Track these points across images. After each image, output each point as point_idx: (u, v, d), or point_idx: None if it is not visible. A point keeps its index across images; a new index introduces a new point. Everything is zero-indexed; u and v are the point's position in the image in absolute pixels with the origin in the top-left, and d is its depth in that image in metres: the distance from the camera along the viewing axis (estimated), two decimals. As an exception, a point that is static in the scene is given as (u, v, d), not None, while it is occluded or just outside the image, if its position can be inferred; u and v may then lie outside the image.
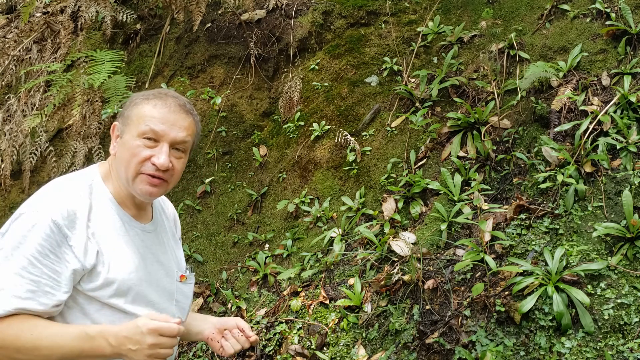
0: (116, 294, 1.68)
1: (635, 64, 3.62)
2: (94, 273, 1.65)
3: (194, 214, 4.58)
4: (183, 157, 1.79)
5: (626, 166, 3.23)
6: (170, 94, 1.79)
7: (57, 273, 1.59)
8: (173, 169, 1.76)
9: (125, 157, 1.73)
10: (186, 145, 1.78)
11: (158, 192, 1.77)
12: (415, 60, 4.51)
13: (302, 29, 4.91)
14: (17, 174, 5.03)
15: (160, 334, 1.56)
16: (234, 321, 1.96)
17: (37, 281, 1.57)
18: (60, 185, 1.72)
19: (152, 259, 1.83)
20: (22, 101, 4.98)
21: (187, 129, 1.77)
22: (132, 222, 1.79)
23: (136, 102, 1.77)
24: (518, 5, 4.50)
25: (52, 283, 1.58)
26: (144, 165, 1.72)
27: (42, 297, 1.57)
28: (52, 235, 1.59)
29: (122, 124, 1.78)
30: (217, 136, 4.81)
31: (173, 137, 1.74)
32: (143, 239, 1.81)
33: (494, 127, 3.86)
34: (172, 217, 2.08)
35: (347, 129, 4.35)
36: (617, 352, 2.65)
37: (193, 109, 1.82)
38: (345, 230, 3.87)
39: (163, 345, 1.56)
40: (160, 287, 1.82)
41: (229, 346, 1.92)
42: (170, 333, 1.56)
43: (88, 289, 1.65)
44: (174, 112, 1.74)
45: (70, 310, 1.66)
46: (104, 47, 5.54)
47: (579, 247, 3.03)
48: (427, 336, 3.01)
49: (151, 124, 1.71)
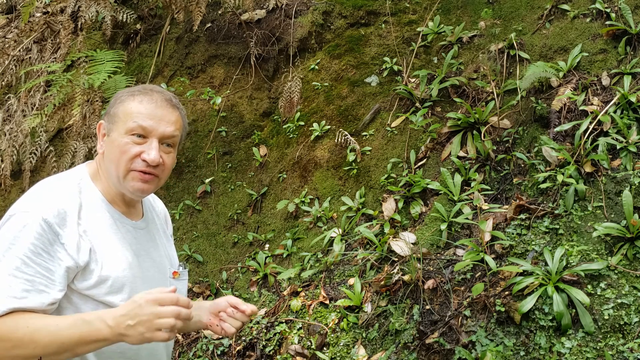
0: (111, 291, 1.67)
1: (635, 64, 3.62)
2: (87, 271, 1.64)
3: (194, 214, 4.58)
4: (172, 152, 1.79)
5: (626, 166, 3.23)
6: (156, 89, 1.78)
7: (50, 271, 1.59)
8: (163, 164, 1.75)
9: (115, 155, 1.72)
10: (175, 140, 1.78)
11: (149, 189, 1.76)
12: (415, 60, 4.51)
13: (302, 29, 4.91)
14: (17, 174, 5.03)
15: (160, 304, 1.51)
16: (225, 300, 1.92)
17: (31, 280, 1.56)
18: (49, 186, 1.72)
19: (145, 256, 1.82)
20: (22, 101, 4.98)
21: (175, 123, 1.77)
22: (123, 220, 1.79)
23: (122, 99, 1.76)
24: (518, 5, 4.50)
25: (46, 282, 1.58)
26: (134, 162, 1.71)
27: (38, 296, 1.57)
28: (44, 234, 1.58)
29: (109, 122, 1.76)
30: (217, 136, 4.81)
31: (161, 132, 1.73)
32: (135, 236, 1.81)
33: (494, 127, 3.87)
34: (162, 214, 2.08)
35: (347, 129, 4.35)
36: (617, 352, 2.65)
37: (179, 103, 1.82)
38: (345, 230, 3.87)
39: (163, 315, 1.50)
40: (153, 283, 1.81)
41: (228, 327, 1.89)
42: (169, 301, 1.51)
43: (82, 287, 1.65)
44: (161, 107, 1.74)
45: (65, 310, 1.65)
46: (104, 47, 5.54)
47: (579, 247, 3.03)
48: (427, 336, 3.01)
49: (139, 120, 1.70)
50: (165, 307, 1.50)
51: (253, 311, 1.89)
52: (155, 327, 1.50)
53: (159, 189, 5.12)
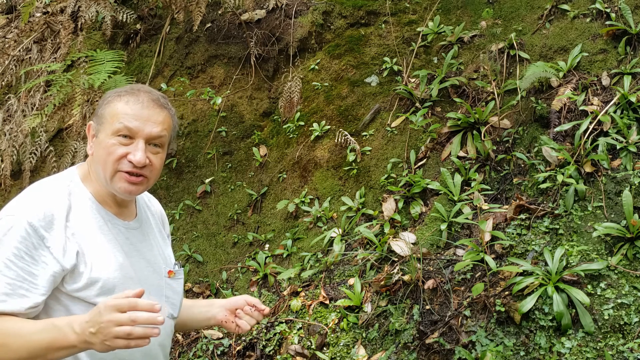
0: (102, 292, 1.66)
1: (635, 64, 3.62)
2: (76, 273, 1.64)
3: (194, 214, 4.58)
4: (160, 152, 1.78)
5: (626, 166, 3.23)
6: (143, 89, 1.77)
7: (32, 275, 1.58)
8: (151, 165, 1.75)
9: (102, 156, 1.71)
10: (162, 140, 1.77)
11: (137, 190, 1.75)
12: (415, 60, 4.51)
13: (302, 29, 4.91)
14: (17, 174, 5.03)
15: (118, 310, 1.43)
16: (243, 299, 1.97)
17: (12, 284, 1.55)
18: (38, 188, 1.72)
19: (138, 256, 1.81)
20: (22, 101, 4.98)
21: (162, 124, 1.75)
22: (115, 220, 1.78)
23: (109, 100, 1.75)
24: (518, 5, 4.50)
25: (27, 285, 1.57)
26: (121, 163, 1.71)
27: (18, 300, 1.56)
28: (28, 237, 1.58)
29: (97, 123, 1.76)
30: (217, 136, 4.81)
31: (148, 132, 1.72)
32: (127, 237, 1.80)
33: (494, 127, 3.87)
34: (158, 213, 2.07)
35: (347, 129, 4.35)
36: (617, 352, 2.65)
37: (167, 103, 1.80)
38: (345, 230, 3.87)
39: (119, 322, 1.42)
40: (147, 283, 1.80)
41: (244, 323, 1.92)
42: (127, 306, 1.43)
43: (72, 289, 1.64)
44: (147, 108, 1.73)
45: (56, 312, 1.64)
46: (104, 47, 5.54)
47: (579, 247, 3.03)
48: (427, 336, 3.01)
49: (125, 121, 1.70)
50: (122, 314, 1.43)
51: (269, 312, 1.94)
52: (112, 335, 1.43)
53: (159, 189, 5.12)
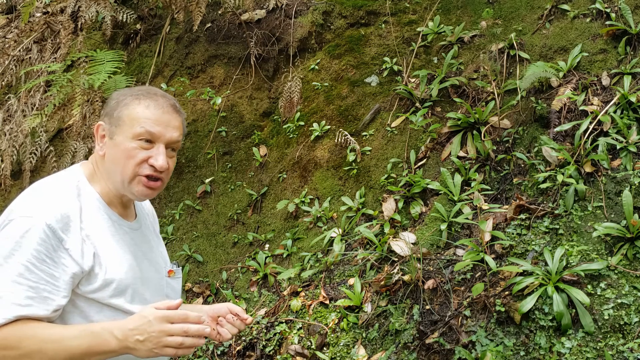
0: (116, 293, 1.67)
1: (635, 64, 3.62)
2: (92, 275, 1.64)
3: (194, 214, 4.58)
4: (174, 156, 1.82)
5: (626, 166, 3.23)
6: (159, 93, 1.79)
7: (54, 278, 1.57)
8: (168, 168, 1.77)
9: (120, 159, 1.71)
10: (179, 145, 1.81)
11: (153, 193, 1.78)
12: (415, 60, 4.51)
13: (302, 29, 4.91)
14: (17, 174, 5.03)
15: (169, 321, 1.53)
16: (226, 307, 1.95)
17: (35, 287, 1.55)
18: (47, 188, 1.70)
19: (142, 256, 1.83)
20: (22, 101, 4.98)
21: (179, 129, 1.79)
22: (121, 221, 1.79)
23: (126, 103, 1.75)
24: (518, 5, 4.50)
25: (50, 288, 1.57)
26: (142, 167, 1.72)
27: (42, 303, 1.55)
28: (47, 239, 1.57)
29: (111, 124, 1.75)
30: (217, 136, 4.81)
31: (169, 137, 1.74)
32: (132, 237, 1.82)
33: (494, 127, 3.86)
34: (150, 213, 2.08)
35: (347, 129, 4.35)
36: (617, 352, 2.65)
37: (180, 108, 1.84)
38: (345, 230, 3.87)
39: (172, 332, 1.52)
40: (152, 283, 1.83)
41: (225, 332, 1.91)
42: (179, 318, 1.53)
43: (87, 291, 1.64)
44: (167, 113, 1.75)
45: (71, 314, 1.65)
46: (104, 47, 5.54)
47: (579, 247, 3.03)
48: (427, 336, 3.01)
49: (147, 125, 1.71)
50: (174, 325, 1.53)
51: (251, 321, 1.95)
52: (163, 345, 1.52)
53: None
